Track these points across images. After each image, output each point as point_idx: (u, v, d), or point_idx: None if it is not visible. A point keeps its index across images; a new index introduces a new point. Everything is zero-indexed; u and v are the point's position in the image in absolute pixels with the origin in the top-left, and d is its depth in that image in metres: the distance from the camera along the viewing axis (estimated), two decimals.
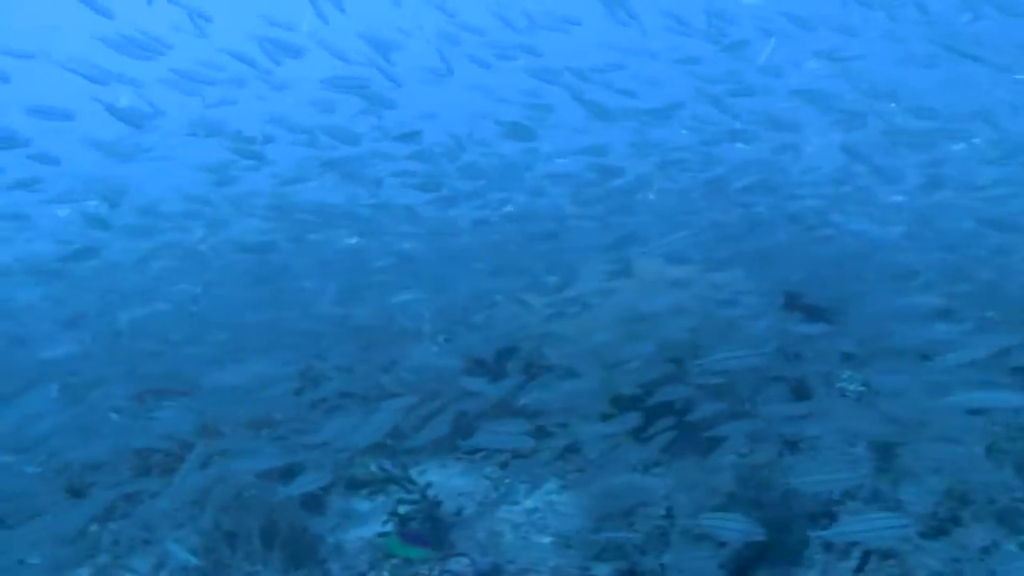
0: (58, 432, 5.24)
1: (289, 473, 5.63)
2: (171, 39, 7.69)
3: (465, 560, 4.65)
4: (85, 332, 6.25)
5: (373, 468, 5.78)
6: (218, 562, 4.77)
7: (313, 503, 5.63)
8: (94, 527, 5.63)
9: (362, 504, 5.84)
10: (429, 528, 5.20)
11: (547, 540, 5.31)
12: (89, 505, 5.26)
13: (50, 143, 6.82)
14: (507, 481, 6.10)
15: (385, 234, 7.50)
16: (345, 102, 7.94)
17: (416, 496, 5.41)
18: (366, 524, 5.48)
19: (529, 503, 5.81)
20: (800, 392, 6.21)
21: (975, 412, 5.23)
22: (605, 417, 5.98)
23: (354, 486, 6.01)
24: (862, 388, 6.93)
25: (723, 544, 4.49)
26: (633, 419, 5.35)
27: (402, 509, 5.35)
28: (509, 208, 8.03)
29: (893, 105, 8.34)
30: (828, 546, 4.46)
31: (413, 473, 5.82)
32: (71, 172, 7.67)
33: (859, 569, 4.21)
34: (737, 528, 3.95)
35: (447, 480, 5.95)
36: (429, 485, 5.39)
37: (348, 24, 9.26)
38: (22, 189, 7.32)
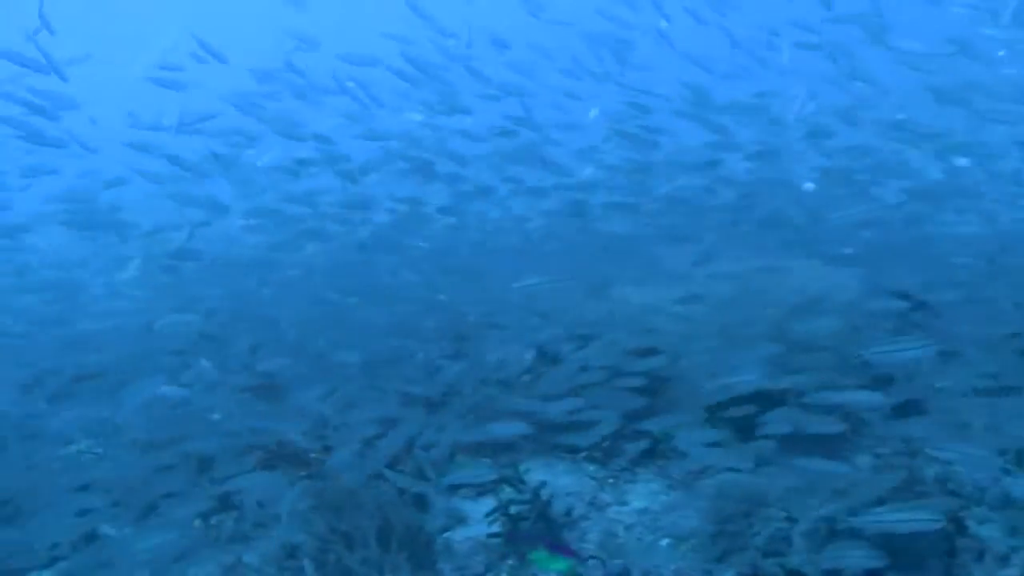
0: (168, 425, 5.24)
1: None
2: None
3: (594, 562, 4.52)
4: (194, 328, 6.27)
5: (495, 467, 5.67)
6: (337, 562, 4.70)
7: (419, 503, 5.55)
8: (197, 521, 5.63)
9: (465, 504, 5.73)
10: (543, 528, 5.09)
11: (664, 542, 5.16)
12: (198, 499, 5.25)
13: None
14: (611, 481, 5.97)
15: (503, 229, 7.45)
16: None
17: (527, 496, 5.31)
18: (476, 524, 5.38)
19: (638, 503, 5.67)
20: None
21: None
22: (713, 419, 5.86)
23: (456, 485, 5.90)
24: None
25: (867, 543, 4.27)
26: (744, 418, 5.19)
27: (513, 509, 5.25)
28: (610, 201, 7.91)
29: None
30: (981, 553, 4.24)
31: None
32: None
33: None
34: (914, 520, 3.72)
35: (554, 479, 5.82)
36: (543, 484, 5.27)
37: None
38: (118, 187, 7.45)
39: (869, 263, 6.73)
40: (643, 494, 5.79)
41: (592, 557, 4.56)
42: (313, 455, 6.09)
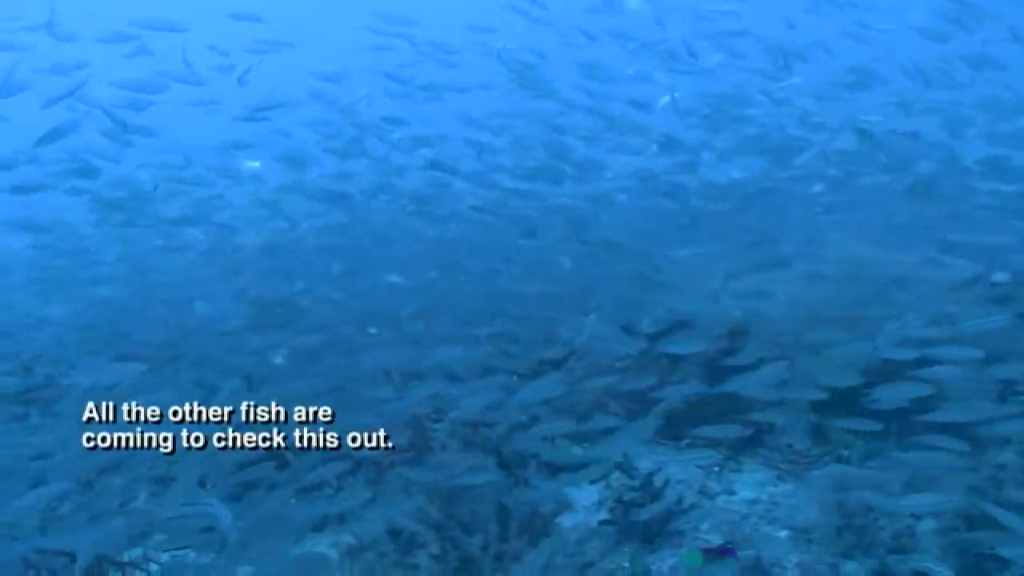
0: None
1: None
2: None
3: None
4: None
5: (596, 452, 5.53)
6: (455, 546, 4.59)
7: (527, 487, 5.41)
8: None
9: (570, 490, 5.58)
10: (660, 518, 4.97)
11: (783, 534, 5.01)
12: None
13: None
14: (716, 469, 5.82)
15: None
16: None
17: (639, 483, 5.19)
18: (586, 511, 5.26)
19: (746, 493, 5.52)
20: None
21: None
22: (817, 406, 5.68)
23: (556, 470, 5.75)
24: None
25: None
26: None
27: (626, 496, 5.13)
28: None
29: None
30: None
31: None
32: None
33: None
34: None
35: (661, 467, 5.67)
36: (658, 470, 5.14)
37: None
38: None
39: (978, 254, 6.50)
40: (750, 484, 5.65)
41: (726, 543, 4.43)
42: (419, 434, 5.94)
